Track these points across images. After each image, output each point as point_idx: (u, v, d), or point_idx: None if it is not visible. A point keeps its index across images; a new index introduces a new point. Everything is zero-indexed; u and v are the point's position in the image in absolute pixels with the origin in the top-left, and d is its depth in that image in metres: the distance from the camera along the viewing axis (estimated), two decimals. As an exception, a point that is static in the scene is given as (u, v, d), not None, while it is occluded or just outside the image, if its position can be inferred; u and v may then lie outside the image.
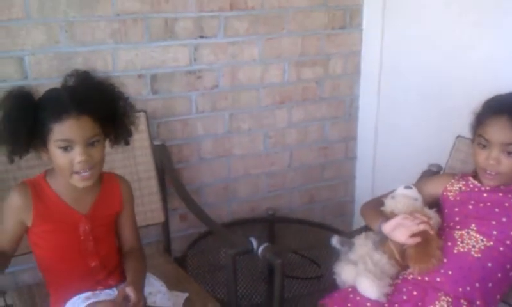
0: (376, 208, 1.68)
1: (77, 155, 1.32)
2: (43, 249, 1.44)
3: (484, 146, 1.57)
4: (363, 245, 1.63)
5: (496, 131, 1.53)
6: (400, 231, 1.52)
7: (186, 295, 1.69)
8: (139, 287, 1.41)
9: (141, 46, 2.04)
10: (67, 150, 1.32)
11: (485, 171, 1.58)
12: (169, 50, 2.10)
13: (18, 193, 1.39)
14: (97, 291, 1.45)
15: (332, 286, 1.65)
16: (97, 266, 1.47)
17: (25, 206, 1.38)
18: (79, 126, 1.31)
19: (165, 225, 2.08)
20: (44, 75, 1.90)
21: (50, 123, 1.30)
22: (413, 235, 1.50)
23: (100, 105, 1.35)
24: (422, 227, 1.50)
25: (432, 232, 1.52)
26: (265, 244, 1.60)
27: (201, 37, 2.14)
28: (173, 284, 1.69)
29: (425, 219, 1.54)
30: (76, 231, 1.43)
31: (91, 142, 1.34)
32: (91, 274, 1.47)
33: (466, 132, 1.69)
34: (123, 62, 2.03)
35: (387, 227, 1.55)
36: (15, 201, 1.39)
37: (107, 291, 1.47)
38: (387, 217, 1.60)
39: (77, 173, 1.34)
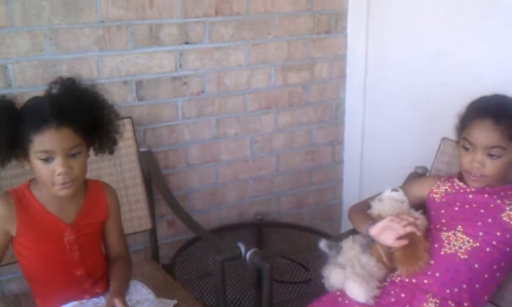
0: (363, 211, 1.69)
1: (57, 167, 1.30)
2: (28, 258, 1.42)
3: (469, 149, 1.57)
4: (350, 249, 1.63)
5: (480, 134, 1.54)
6: (387, 234, 1.52)
7: (174, 302, 1.68)
8: (123, 296, 1.41)
9: (126, 52, 2.04)
10: (48, 161, 1.30)
11: (470, 174, 1.59)
12: (155, 56, 2.09)
13: (1, 203, 1.37)
14: (84, 300, 1.45)
15: (321, 290, 1.65)
16: (83, 275, 1.46)
17: (8, 215, 1.37)
18: (59, 138, 1.29)
19: (152, 232, 2.06)
20: (28, 83, 1.89)
21: (30, 134, 1.29)
22: (400, 238, 1.51)
23: (82, 115, 1.33)
24: (408, 229, 1.51)
25: (419, 233, 1.53)
26: (253, 249, 1.60)
27: (187, 43, 2.14)
28: (161, 292, 1.69)
29: (411, 219, 1.54)
30: (61, 240, 1.42)
31: (72, 153, 1.32)
32: (77, 282, 1.45)
33: (452, 134, 1.70)
34: (108, 69, 2.02)
35: (374, 230, 1.56)
36: (-2, 210, 1.37)
37: (94, 299, 1.46)
38: (374, 220, 1.60)
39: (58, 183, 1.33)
